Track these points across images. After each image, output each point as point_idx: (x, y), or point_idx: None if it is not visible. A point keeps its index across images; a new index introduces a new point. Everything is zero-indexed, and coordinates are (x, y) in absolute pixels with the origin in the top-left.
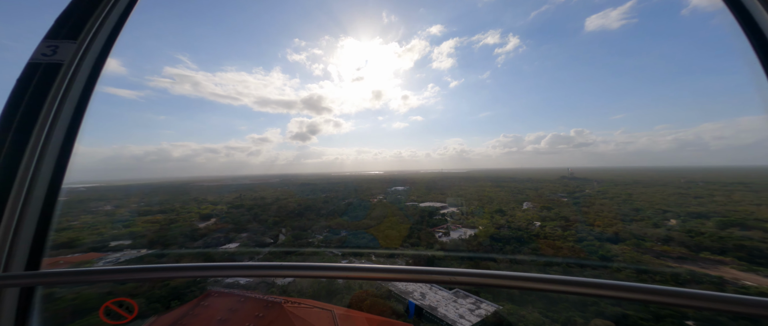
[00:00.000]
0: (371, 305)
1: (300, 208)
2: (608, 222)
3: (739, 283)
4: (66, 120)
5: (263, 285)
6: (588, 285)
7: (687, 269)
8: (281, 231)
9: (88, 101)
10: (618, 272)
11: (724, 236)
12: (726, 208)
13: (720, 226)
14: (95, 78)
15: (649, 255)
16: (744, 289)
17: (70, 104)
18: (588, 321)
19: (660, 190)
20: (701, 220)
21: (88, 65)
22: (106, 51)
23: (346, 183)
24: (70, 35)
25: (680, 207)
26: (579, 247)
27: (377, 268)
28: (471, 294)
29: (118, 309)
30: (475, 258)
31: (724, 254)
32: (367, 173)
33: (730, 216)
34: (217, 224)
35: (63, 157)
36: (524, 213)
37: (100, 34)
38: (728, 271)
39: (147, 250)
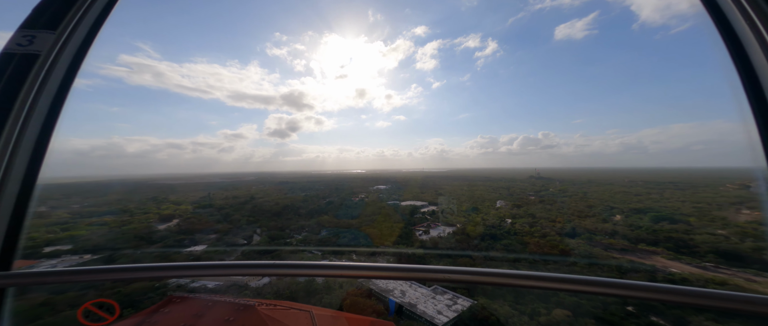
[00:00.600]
0: (351, 304)
1: (277, 207)
2: (567, 218)
3: (667, 271)
4: (42, 113)
5: (235, 288)
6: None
7: (628, 259)
8: (256, 231)
9: (67, 94)
10: (573, 265)
11: (656, 229)
12: (659, 204)
13: (653, 221)
14: (75, 71)
15: (598, 247)
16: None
17: (47, 97)
18: (550, 312)
19: (609, 189)
20: (639, 216)
21: (68, 57)
22: (87, 43)
23: (327, 181)
24: (48, 25)
25: (624, 203)
26: (543, 242)
27: (367, 266)
28: (448, 291)
29: (98, 311)
30: (452, 255)
31: (656, 245)
32: (349, 172)
33: (662, 212)
34: (180, 225)
35: (38, 152)
36: (497, 211)
37: (81, 26)
38: (659, 260)
39: (92, 256)
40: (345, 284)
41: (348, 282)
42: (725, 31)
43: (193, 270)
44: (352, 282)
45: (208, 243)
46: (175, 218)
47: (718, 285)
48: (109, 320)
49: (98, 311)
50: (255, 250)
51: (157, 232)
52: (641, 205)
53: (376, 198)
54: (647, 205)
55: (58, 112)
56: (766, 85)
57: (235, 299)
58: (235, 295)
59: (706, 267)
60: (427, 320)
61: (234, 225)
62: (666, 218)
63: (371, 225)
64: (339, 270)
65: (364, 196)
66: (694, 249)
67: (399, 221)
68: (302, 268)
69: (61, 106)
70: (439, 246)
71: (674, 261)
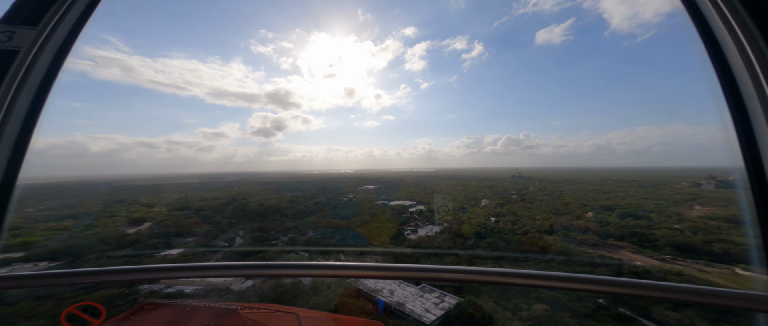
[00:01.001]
0: (340, 305)
1: (262, 208)
2: (545, 216)
3: (632, 263)
4: (22, 111)
5: (215, 293)
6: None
7: (598, 253)
8: (238, 232)
9: (49, 92)
10: (551, 261)
11: (622, 225)
12: (625, 201)
13: (620, 217)
14: (57, 68)
15: (573, 243)
16: (634, 269)
17: (28, 94)
18: (531, 306)
19: (582, 187)
20: (608, 212)
21: (50, 54)
22: (70, 40)
23: (314, 181)
24: (29, 21)
25: (595, 201)
26: (524, 239)
27: (362, 266)
28: (436, 289)
29: (83, 314)
30: (440, 253)
31: (622, 240)
32: (337, 171)
33: (627, 209)
34: (153, 229)
35: (18, 151)
36: (483, 209)
37: (65, 22)
38: (625, 254)
39: (48, 263)
40: (333, 285)
41: (336, 282)
42: (704, 33)
43: (175, 272)
44: (340, 283)
45: (185, 246)
46: (147, 221)
47: (675, 275)
48: (95, 324)
49: (82, 314)
50: (238, 252)
51: (126, 237)
52: (610, 203)
53: (364, 198)
54: (615, 202)
55: (40, 110)
56: (743, 86)
57: (215, 303)
58: (216, 300)
59: (665, 259)
60: (415, 319)
61: (214, 227)
62: (631, 214)
63: (360, 226)
64: (333, 270)
65: (352, 196)
66: (655, 243)
67: (388, 221)
68: (293, 269)
69: (42, 103)
70: (424, 244)
71: (638, 254)
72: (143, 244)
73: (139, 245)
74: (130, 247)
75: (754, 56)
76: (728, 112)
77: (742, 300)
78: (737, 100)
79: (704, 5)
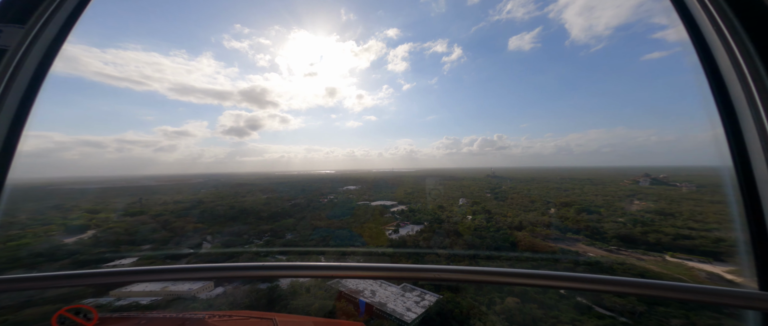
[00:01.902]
0: (319, 308)
1: (233, 212)
2: (515, 213)
3: (586, 255)
4: (10, 111)
5: (179, 303)
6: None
7: (559, 247)
8: (206, 238)
9: (38, 91)
10: (521, 256)
11: (578, 219)
12: (580, 198)
13: (576, 212)
14: (47, 67)
15: (538, 238)
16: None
17: (16, 94)
18: (504, 300)
19: (545, 185)
20: (567, 208)
21: (39, 52)
22: (60, 39)
23: (292, 182)
24: (17, 19)
25: (556, 198)
26: (498, 236)
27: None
28: (417, 288)
29: (74, 317)
30: (421, 253)
31: (578, 233)
32: (317, 172)
33: (582, 205)
34: (98, 237)
35: (6, 152)
36: (460, 208)
37: (54, 21)
38: (581, 247)
39: None
40: (312, 287)
41: (316, 285)
42: (693, 34)
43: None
44: (320, 285)
45: (138, 255)
46: (91, 229)
47: (619, 264)
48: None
49: (74, 317)
50: (205, 259)
51: (62, 247)
52: (568, 199)
53: (345, 199)
54: (572, 199)
55: (29, 110)
56: (731, 86)
57: (179, 314)
58: (179, 310)
59: (611, 250)
60: (396, 318)
61: (176, 233)
62: (585, 210)
63: (340, 227)
64: (329, 271)
65: (333, 197)
66: (604, 235)
67: (368, 221)
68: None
69: (31, 103)
70: (407, 244)
71: (590, 246)
72: (85, 254)
73: (79, 256)
74: (68, 259)
75: (742, 57)
76: (717, 112)
77: (731, 298)
78: (725, 100)
79: (693, 6)
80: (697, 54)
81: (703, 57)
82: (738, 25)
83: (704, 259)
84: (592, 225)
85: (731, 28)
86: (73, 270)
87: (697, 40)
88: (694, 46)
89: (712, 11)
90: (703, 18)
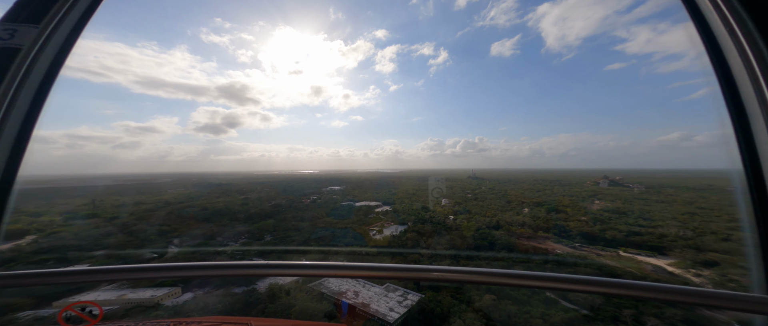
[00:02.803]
0: (300, 311)
1: (206, 213)
2: (493, 213)
3: (554, 251)
4: (23, 109)
5: (138, 311)
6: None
7: (531, 245)
8: (173, 241)
9: (50, 89)
10: (498, 255)
11: (548, 219)
12: (550, 199)
13: (547, 212)
14: (59, 66)
15: (513, 237)
16: (556, 256)
17: (29, 92)
18: (482, 297)
19: (520, 187)
20: (539, 208)
21: (52, 52)
22: (73, 38)
23: (273, 182)
24: (31, 19)
25: (530, 199)
26: (478, 235)
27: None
28: (399, 288)
29: (81, 314)
30: (404, 253)
31: (548, 232)
32: (300, 172)
33: (552, 204)
34: (40, 243)
35: (18, 149)
36: (443, 208)
37: (67, 20)
38: (550, 244)
39: None
40: (293, 290)
41: (296, 287)
42: (704, 34)
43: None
44: (300, 288)
45: (89, 261)
46: (31, 234)
47: (582, 259)
48: (93, 323)
49: (81, 314)
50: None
51: None
52: (540, 199)
53: (329, 199)
54: (543, 199)
55: (40, 108)
56: (743, 88)
57: (139, 323)
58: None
59: (576, 247)
60: (379, 319)
61: (136, 237)
62: (554, 209)
63: (327, 227)
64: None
65: (316, 197)
66: (570, 233)
67: (353, 222)
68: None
69: (43, 101)
70: (391, 244)
71: (558, 244)
72: (23, 263)
73: (13, 265)
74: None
75: (754, 58)
76: (727, 114)
77: (740, 302)
78: (736, 101)
79: (704, 6)
80: (708, 54)
81: (714, 57)
82: (751, 25)
83: (651, 253)
84: (560, 223)
85: (744, 28)
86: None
87: (708, 41)
88: (705, 46)
89: (725, 11)
90: (714, 18)
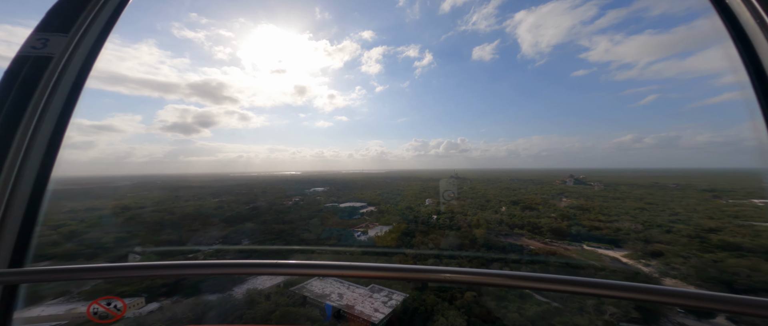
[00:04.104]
0: (282, 316)
1: (173, 217)
2: (474, 211)
3: (529, 247)
4: (55, 114)
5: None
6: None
7: (508, 242)
8: (134, 249)
9: (79, 95)
10: (477, 254)
11: (523, 216)
12: (525, 197)
13: (522, 209)
14: (86, 72)
15: (491, 235)
16: (530, 251)
17: (60, 98)
18: (463, 294)
19: (498, 186)
20: (515, 206)
21: (80, 59)
22: (98, 45)
23: (251, 184)
24: (61, 28)
25: (507, 197)
26: (458, 234)
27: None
28: (384, 288)
29: (106, 308)
30: (388, 253)
31: (522, 228)
32: (281, 173)
33: (526, 203)
34: None
35: (51, 152)
36: (426, 208)
37: (93, 28)
38: (524, 240)
39: None
40: (273, 294)
41: (277, 292)
42: (734, 31)
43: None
44: (281, 292)
45: None
46: None
47: (551, 254)
48: (116, 317)
49: (106, 308)
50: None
51: None
52: (516, 198)
53: (312, 201)
54: (518, 198)
55: (70, 113)
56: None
57: None
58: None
59: (547, 242)
60: (364, 319)
61: (87, 246)
62: (528, 207)
63: (306, 231)
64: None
65: (299, 199)
66: (541, 229)
67: (337, 223)
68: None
69: (73, 106)
70: (374, 244)
71: (532, 240)
72: None
73: None
74: None
75: None
76: (760, 113)
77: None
78: None
79: (734, 2)
80: (737, 48)
81: (743, 52)
82: None
83: (608, 246)
84: (533, 220)
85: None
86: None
87: (737, 35)
88: (733, 40)
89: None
90: (743, 11)
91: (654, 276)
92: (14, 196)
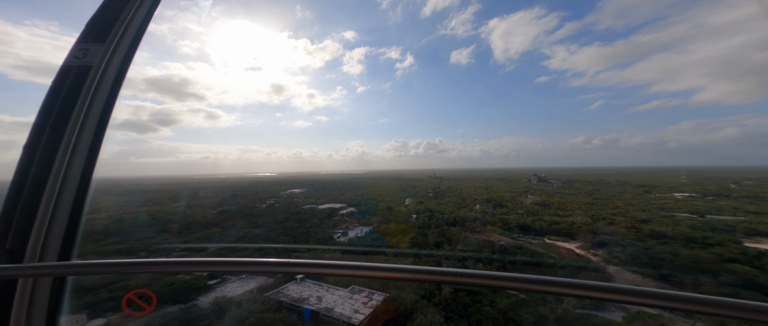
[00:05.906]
0: (256, 323)
1: (121, 225)
2: (450, 210)
3: (499, 242)
4: (94, 120)
5: None
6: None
7: (482, 238)
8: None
9: (115, 102)
10: (457, 253)
11: (494, 213)
12: (496, 195)
13: (493, 207)
14: (121, 79)
15: (466, 232)
16: (501, 247)
17: (98, 105)
18: (441, 291)
19: (473, 184)
20: (487, 204)
21: (115, 67)
22: (131, 53)
23: (219, 187)
24: (98, 38)
25: (481, 196)
26: (438, 231)
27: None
28: (365, 288)
29: (139, 301)
30: (368, 252)
31: (495, 225)
32: (254, 175)
33: (497, 200)
34: None
35: (92, 155)
36: (406, 208)
37: (126, 37)
38: (495, 236)
39: None
40: (245, 301)
41: (251, 298)
42: None
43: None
44: (255, 298)
45: None
46: None
47: (518, 248)
48: (148, 310)
49: (139, 301)
50: None
51: None
52: (488, 196)
53: (289, 203)
54: (490, 196)
55: (108, 118)
56: None
57: None
58: None
59: (514, 237)
60: (344, 321)
61: None
62: (499, 204)
63: (282, 235)
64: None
65: (274, 202)
66: (510, 225)
67: (315, 226)
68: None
69: (110, 112)
70: (357, 245)
71: (502, 236)
72: None
73: None
74: None
75: None
76: None
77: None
78: None
79: None
80: None
81: None
82: None
83: (565, 239)
84: (503, 217)
85: None
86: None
87: None
88: None
89: None
90: None
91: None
92: (62, 195)
